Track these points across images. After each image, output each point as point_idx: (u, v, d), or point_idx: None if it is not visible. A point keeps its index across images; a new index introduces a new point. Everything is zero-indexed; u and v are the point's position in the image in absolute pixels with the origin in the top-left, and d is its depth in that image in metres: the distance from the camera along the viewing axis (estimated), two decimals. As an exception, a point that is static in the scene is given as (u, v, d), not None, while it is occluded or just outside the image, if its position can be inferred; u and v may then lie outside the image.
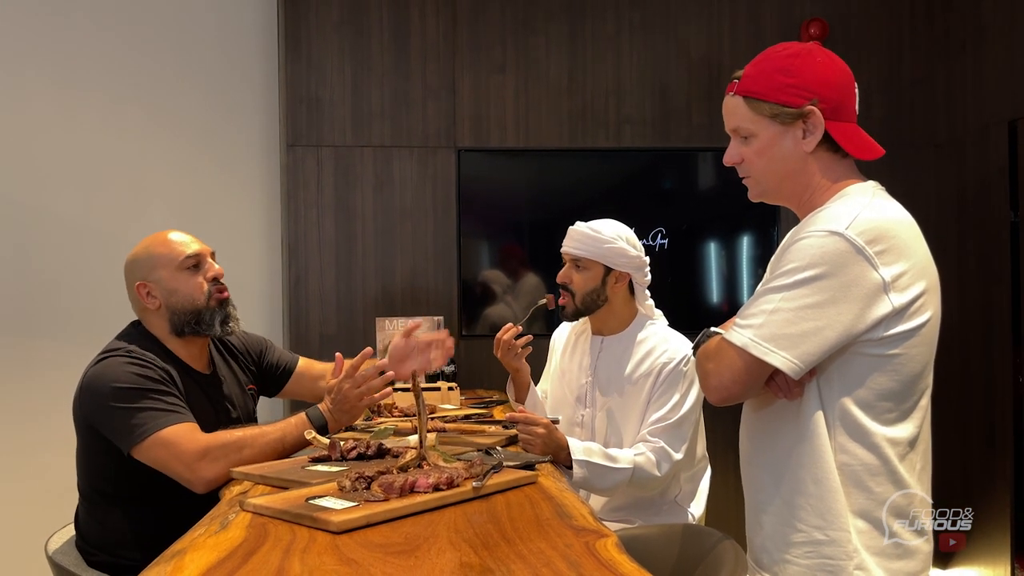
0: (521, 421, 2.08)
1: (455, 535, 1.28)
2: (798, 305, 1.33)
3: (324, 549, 1.23)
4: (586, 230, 2.39)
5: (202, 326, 2.04)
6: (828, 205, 1.42)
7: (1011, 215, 3.45)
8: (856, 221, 1.34)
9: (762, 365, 1.35)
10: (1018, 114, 3.41)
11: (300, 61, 3.79)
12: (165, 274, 2.02)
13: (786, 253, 1.38)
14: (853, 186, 1.45)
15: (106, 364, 1.91)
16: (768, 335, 1.34)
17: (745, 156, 1.50)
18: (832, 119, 1.43)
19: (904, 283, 1.34)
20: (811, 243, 1.34)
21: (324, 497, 1.45)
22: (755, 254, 4.00)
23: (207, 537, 1.31)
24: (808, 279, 1.33)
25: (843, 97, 1.45)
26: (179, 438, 1.81)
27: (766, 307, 1.36)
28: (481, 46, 3.88)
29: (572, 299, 2.40)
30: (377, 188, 3.83)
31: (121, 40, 3.75)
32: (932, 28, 3.96)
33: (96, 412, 1.89)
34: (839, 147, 1.46)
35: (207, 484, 1.80)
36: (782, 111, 1.43)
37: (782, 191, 1.50)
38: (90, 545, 2.00)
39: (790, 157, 1.45)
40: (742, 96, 1.48)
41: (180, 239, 2.06)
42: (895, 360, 1.36)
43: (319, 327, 3.78)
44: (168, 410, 1.86)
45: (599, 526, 1.34)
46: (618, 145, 3.93)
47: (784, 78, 1.43)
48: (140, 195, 3.76)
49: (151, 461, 1.83)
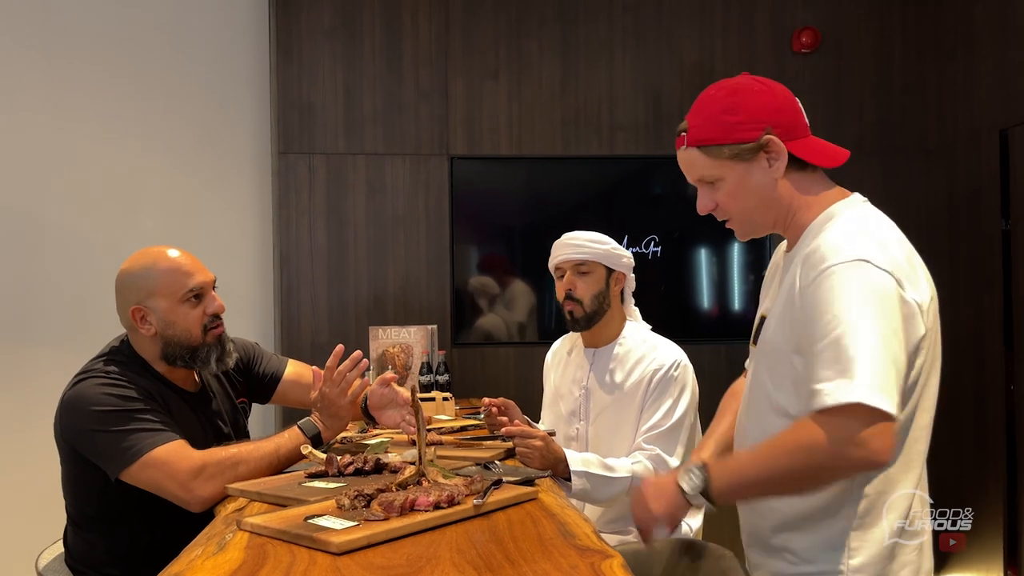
0: (518, 434, 2.06)
1: (458, 556, 1.27)
2: (879, 340, 1.26)
3: (325, 571, 1.21)
4: (583, 235, 2.39)
5: (196, 362, 1.96)
6: (826, 229, 1.40)
7: (1002, 222, 3.46)
8: (871, 246, 1.33)
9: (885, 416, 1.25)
10: (1009, 121, 3.43)
11: (292, 67, 3.77)
12: (164, 304, 1.91)
13: (818, 294, 1.32)
14: (839, 204, 1.46)
15: (82, 387, 1.83)
16: (875, 383, 1.24)
17: (719, 201, 1.50)
18: (790, 139, 1.44)
19: (928, 306, 1.36)
20: (847, 275, 1.30)
21: (323, 516, 1.43)
22: (748, 261, 4.01)
23: (205, 559, 1.29)
24: (867, 310, 1.27)
25: (792, 116, 1.46)
26: (171, 457, 1.76)
27: (852, 353, 1.25)
28: (474, 51, 3.87)
29: (580, 306, 2.37)
30: (369, 195, 3.81)
31: (113, 46, 3.72)
32: (923, 35, 3.98)
33: (78, 437, 1.82)
34: (805, 163, 1.46)
35: (203, 503, 1.77)
36: (741, 149, 1.43)
37: (766, 222, 1.50)
38: (79, 563, 1.97)
39: (763, 187, 1.45)
40: (696, 147, 1.47)
41: (184, 266, 1.94)
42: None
43: (311, 335, 3.75)
44: (155, 429, 1.79)
45: (603, 546, 1.32)
46: (611, 152, 3.93)
47: (731, 117, 1.43)
48: (132, 202, 3.73)
49: (143, 483, 1.78)
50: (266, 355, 2.35)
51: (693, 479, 1.40)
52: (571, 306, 2.38)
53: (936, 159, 3.86)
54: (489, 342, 3.87)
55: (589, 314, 2.37)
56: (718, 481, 1.38)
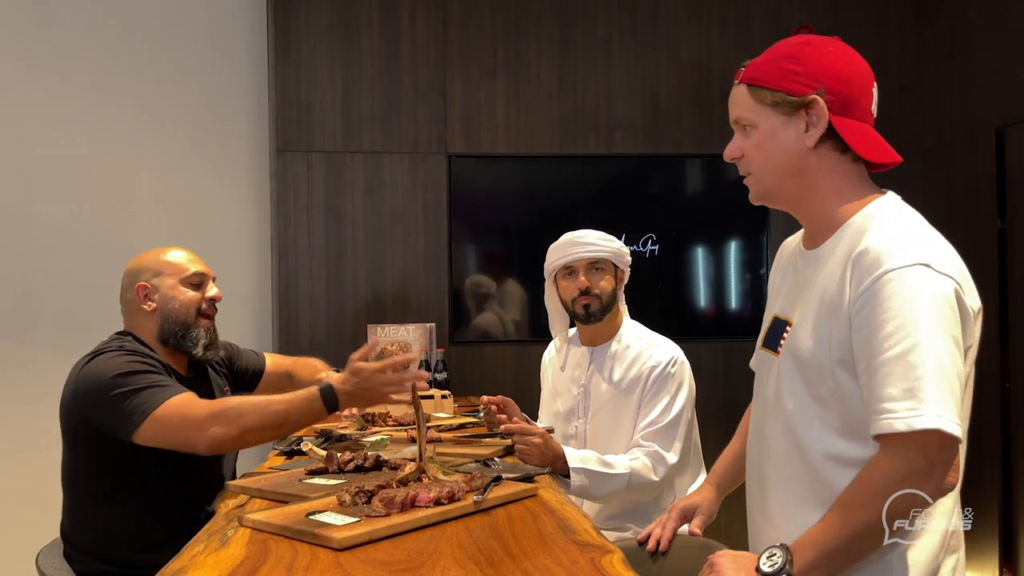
0: (516, 431, 2.07)
1: (459, 551, 1.28)
2: (944, 354, 1.20)
3: (327, 567, 1.22)
4: (594, 234, 2.38)
5: (187, 342, 2.09)
6: (870, 230, 1.31)
7: (998, 221, 3.48)
8: (931, 250, 1.26)
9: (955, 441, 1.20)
10: (1006, 121, 3.44)
11: (290, 66, 3.77)
12: (169, 282, 2.08)
13: (877, 302, 1.24)
14: (878, 202, 1.36)
15: (98, 360, 1.92)
16: (946, 406, 1.18)
17: (746, 150, 1.40)
18: (839, 114, 1.33)
19: (978, 313, 1.33)
20: (910, 282, 1.22)
21: (324, 512, 1.44)
22: (745, 259, 4.02)
23: (207, 555, 1.30)
24: (933, 323, 1.21)
25: (854, 92, 1.35)
26: (187, 403, 1.85)
27: (921, 371, 1.19)
28: (472, 50, 3.87)
29: (599, 300, 2.36)
30: (368, 193, 3.81)
31: (111, 45, 3.71)
32: (920, 34, 3.99)
33: (98, 406, 1.88)
34: (847, 148, 1.35)
35: (213, 445, 1.81)
36: (784, 99, 1.34)
37: (783, 191, 1.40)
38: (77, 552, 1.99)
39: (791, 152, 1.35)
40: (746, 84, 1.38)
41: (188, 257, 2.15)
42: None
43: (309, 332, 3.75)
44: (168, 385, 1.89)
45: (603, 541, 1.33)
46: (609, 150, 3.94)
47: (790, 65, 1.34)
48: (130, 200, 3.73)
49: (157, 435, 1.83)
50: (245, 352, 2.45)
51: (775, 559, 1.27)
52: (588, 300, 2.36)
53: (933, 158, 3.88)
54: (487, 340, 3.87)
55: (605, 306, 2.37)
56: (801, 559, 1.26)
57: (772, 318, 1.51)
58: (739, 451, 1.77)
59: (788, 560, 1.25)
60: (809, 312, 1.37)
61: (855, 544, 1.25)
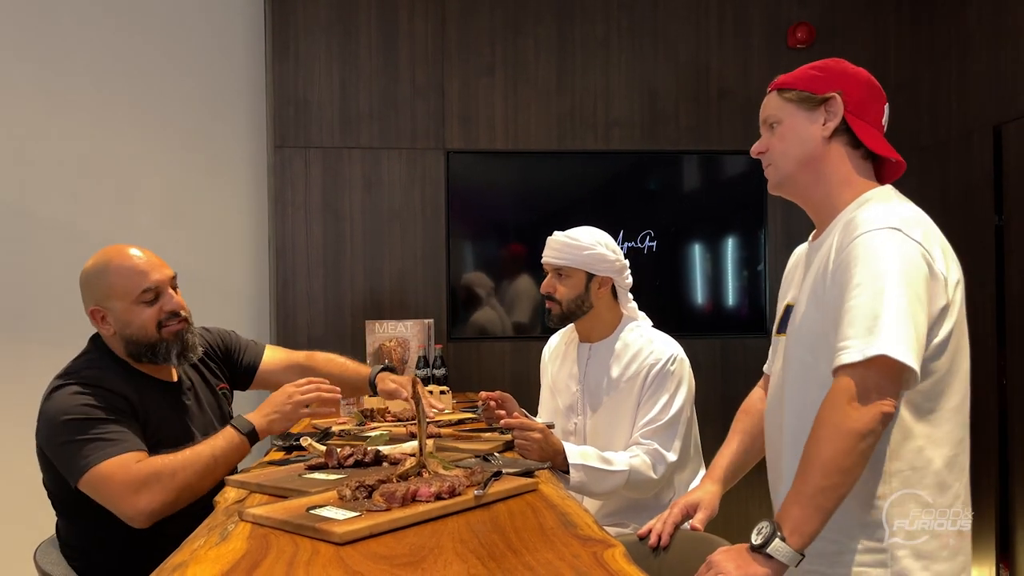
0: (517, 427, 2.07)
1: (460, 545, 1.27)
2: (905, 303, 1.31)
3: (328, 561, 1.21)
4: (565, 239, 2.38)
5: (158, 357, 1.98)
6: (860, 210, 1.46)
7: (996, 218, 3.49)
8: (904, 220, 1.39)
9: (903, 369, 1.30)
10: (1003, 118, 3.45)
11: (287, 62, 3.76)
12: (120, 306, 1.94)
13: (849, 258, 1.38)
14: (874, 191, 1.52)
15: (57, 396, 1.86)
16: (900, 339, 1.29)
17: (770, 144, 1.59)
18: (854, 113, 1.53)
19: (954, 282, 1.42)
20: (878, 241, 1.36)
21: (325, 507, 1.43)
22: (742, 256, 4.02)
23: (208, 549, 1.29)
24: (895, 275, 1.33)
25: (868, 99, 1.55)
26: (115, 471, 1.75)
27: (878, 312, 1.31)
28: (470, 47, 3.86)
29: (558, 305, 2.40)
30: (365, 189, 3.81)
31: (108, 42, 3.70)
32: (917, 32, 4.00)
33: (48, 446, 1.85)
34: (859, 144, 1.53)
35: (146, 517, 1.75)
36: (807, 96, 1.54)
37: (798, 179, 1.56)
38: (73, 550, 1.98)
39: (809, 141, 1.53)
40: (775, 89, 1.60)
41: (139, 266, 1.95)
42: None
43: (307, 329, 3.75)
44: (110, 440, 1.79)
45: (605, 535, 1.33)
46: (606, 147, 3.94)
47: (814, 72, 1.56)
48: (127, 197, 3.72)
49: (95, 493, 1.78)
50: (244, 342, 2.36)
51: (763, 531, 1.33)
52: (549, 304, 2.43)
53: (930, 156, 3.88)
54: (485, 336, 3.87)
55: (564, 314, 2.40)
56: (788, 518, 1.31)
57: (784, 307, 1.64)
58: (737, 447, 1.86)
59: (775, 527, 1.31)
60: (806, 288, 1.52)
61: (827, 481, 1.30)
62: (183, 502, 1.80)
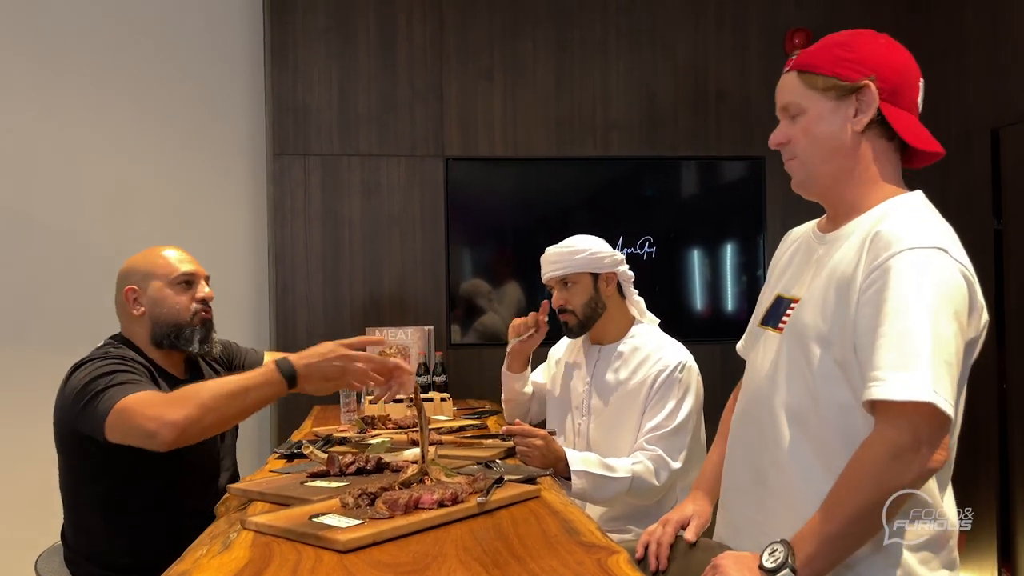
0: (518, 433, 2.07)
1: (464, 553, 1.27)
2: (950, 340, 1.22)
3: (332, 569, 1.21)
4: (560, 249, 2.43)
5: (181, 341, 2.06)
6: (889, 216, 1.34)
7: (995, 222, 3.49)
8: (947, 238, 1.30)
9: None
10: (1001, 122, 3.46)
11: (286, 69, 3.77)
12: (156, 285, 2.05)
13: (889, 276, 1.25)
14: (902, 196, 1.39)
15: (77, 372, 1.89)
16: (940, 385, 1.19)
17: (792, 136, 1.42)
18: (888, 101, 1.36)
19: (984, 311, 1.34)
20: (922, 262, 1.24)
21: (327, 515, 1.43)
22: (742, 261, 4.02)
23: (210, 558, 1.29)
24: (942, 304, 1.22)
25: (904, 83, 1.38)
26: (141, 398, 1.75)
27: (919, 346, 1.20)
28: (468, 52, 3.87)
29: (573, 315, 2.41)
30: (365, 196, 3.81)
31: (107, 47, 3.71)
32: (914, 35, 4.00)
33: (76, 412, 1.84)
34: (894, 135, 1.38)
35: (171, 428, 1.67)
36: (836, 84, 1.37)
37: (825, 175, 1.41)
38: (78, 556, 1.98)
39: (838, 135, 1.37)
40: (796, 71, 1.42)
41: (178, 257, 2.11)
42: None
43: (306, 336, 3.74)
44: (136, 383, 1.82)
45: (608, 542, 1.33)
46: (605, 153, 3.94)
47: (842, 52, 1.39)
48: (127, 203, 3.72)
49: (121, 433, 1.74)
50: (244, 350, 2.43)
51: (777, 555, 1.27)
52: (564, 317, 2.43)
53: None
54: (485, 343, 3.87)
55: (583, 321, 2.41)
56: (802, 551, 1.25)
57: (775, 297, 1.53)
58: (724, 455, 1.74)
59: (790, 554, 1.25)
60: (818, 287, 1.38)
61: (853, 529, 1.25)
62: (208, 425, 1.71)
